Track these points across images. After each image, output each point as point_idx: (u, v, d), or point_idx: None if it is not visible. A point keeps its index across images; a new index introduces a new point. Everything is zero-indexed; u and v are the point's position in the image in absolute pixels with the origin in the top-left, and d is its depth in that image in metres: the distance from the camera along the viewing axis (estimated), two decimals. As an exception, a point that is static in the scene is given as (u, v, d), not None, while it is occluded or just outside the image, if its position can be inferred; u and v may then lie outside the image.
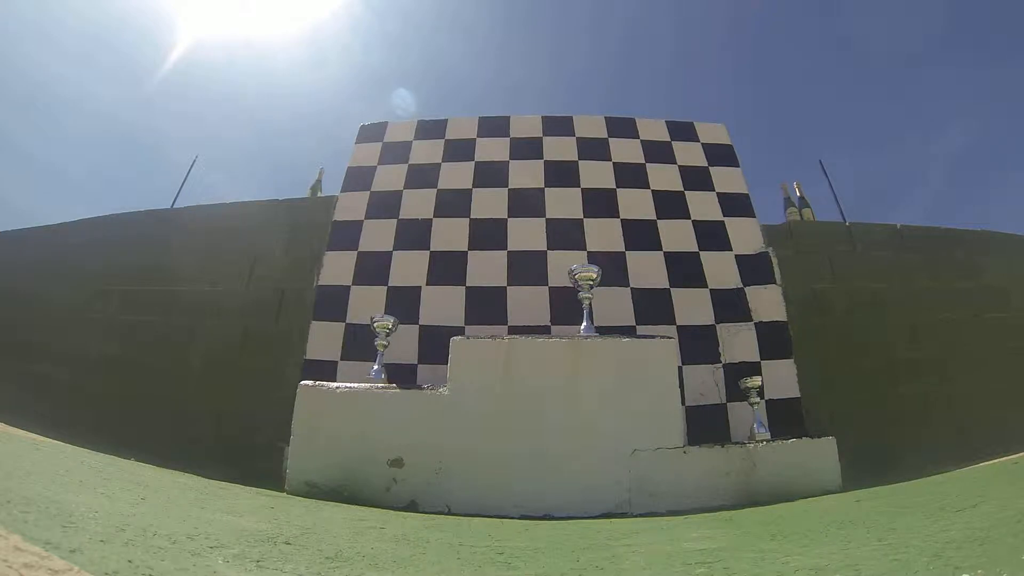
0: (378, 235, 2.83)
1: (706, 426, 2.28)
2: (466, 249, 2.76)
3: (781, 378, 2.44)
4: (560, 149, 3.16)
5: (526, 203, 2.92)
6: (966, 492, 1.13)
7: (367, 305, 2.56)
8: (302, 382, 2.04)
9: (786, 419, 2.34)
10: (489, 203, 2.92)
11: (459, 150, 3.16)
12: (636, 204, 2.92)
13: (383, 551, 0.93)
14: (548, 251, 2.75)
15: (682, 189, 2.98)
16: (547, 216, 2.88)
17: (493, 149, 3.16)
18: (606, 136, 3.22)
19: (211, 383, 2.53)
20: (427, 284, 2.66)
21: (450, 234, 2.81)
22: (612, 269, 2.61)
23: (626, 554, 0.96)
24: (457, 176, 3.04)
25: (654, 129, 3.24)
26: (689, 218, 2.88)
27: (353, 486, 1.81)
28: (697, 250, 2.77)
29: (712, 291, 2.64)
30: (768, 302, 2.61)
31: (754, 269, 2.69)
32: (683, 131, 3.23)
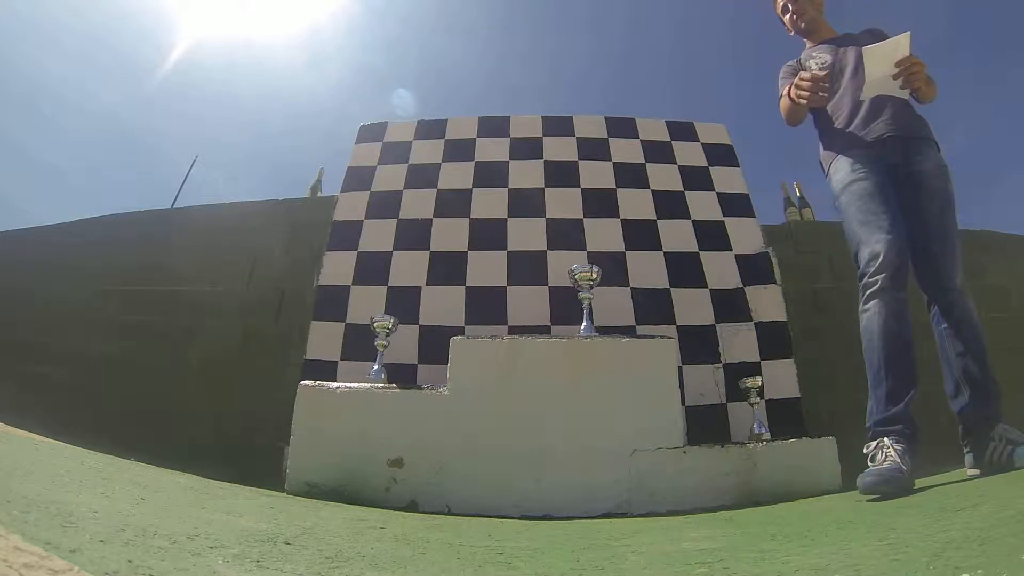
0: (378, 235, 2.82)
1: (706, 426, 2.28)
2: (466, 249, 2.76)
3: (781, 378, 2.44)
4: (560, 149, 3.15)
5: (526, 203, 2.92)
6: (966, 492, 1.13)
7: (367, 305, 2.56)
8: (302, 382, 2.04)
9: (786, 419, 2.34)
10: (489, 203, 2.92)
11: (459, 150, 3.16)
12: (636, 204, 2.92)
13: (383, 551, 0.93)
14: (548, 251, 2.75)
15: (682, 189, 2.98)
16: (547, 216, 2.87)
17: (493, 149, 3.16)
18: (606, 136, 3.22)
19: (211, 383, 2.53)
20: (427, 284, 2.66)
21: (450, 234, 2.81)
22: (612, 269, 2.60)
23: (626, 554, 0.96)
24: (457, 176, 3.04)
25: (654, 129, 3.24)
26: (689, 218, 2.87)
27: (353, 486, 1.81)
28: (697, 250, 2.76)
29: (712, 291, 2.64)
30: (768, 302, 2.60)
31: (754, 269, 2.69)
32: (683, 131, 3.23)
